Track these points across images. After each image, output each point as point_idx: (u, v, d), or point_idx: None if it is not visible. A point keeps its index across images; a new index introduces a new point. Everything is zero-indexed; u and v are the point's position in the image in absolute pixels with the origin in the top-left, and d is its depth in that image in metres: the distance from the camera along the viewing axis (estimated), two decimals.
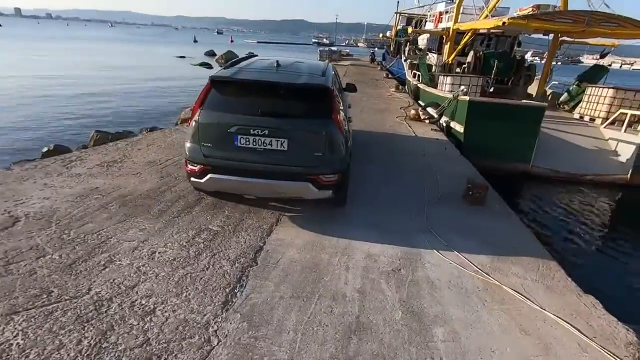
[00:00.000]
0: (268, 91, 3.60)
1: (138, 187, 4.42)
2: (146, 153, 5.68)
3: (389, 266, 3.27)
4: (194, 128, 3.61)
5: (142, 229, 3.51)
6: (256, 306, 2.59)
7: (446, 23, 14.13)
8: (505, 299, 2.93)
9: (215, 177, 3.58)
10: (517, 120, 8.00)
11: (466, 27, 11.91)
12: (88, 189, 4.25)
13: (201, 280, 2.82)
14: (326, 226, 3.89)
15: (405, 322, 2.55)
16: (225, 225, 3.73)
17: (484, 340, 2.44)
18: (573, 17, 8.62)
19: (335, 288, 2.88)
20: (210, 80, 3.66)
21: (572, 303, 2.97)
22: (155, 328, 2.31)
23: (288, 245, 3.47)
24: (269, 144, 3.47)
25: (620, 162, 8.29)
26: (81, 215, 3.66)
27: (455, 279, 3.17)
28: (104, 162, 5.17)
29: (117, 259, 3.00)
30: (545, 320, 2.70)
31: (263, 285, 2.84)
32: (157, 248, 3.21)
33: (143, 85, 17.67)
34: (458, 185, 5.46)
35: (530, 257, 3.64)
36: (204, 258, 3.14)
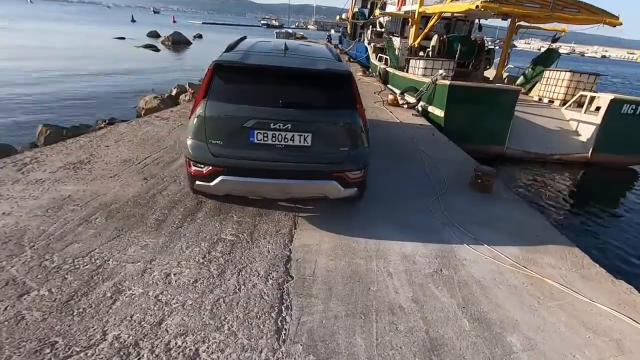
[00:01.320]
0: (287, 79, 3.14)
1: (121, 193, 3.75)
2: (117, 150, 4.91)
3: (429, 267, 3.06)
4: (198, 123, 3.06)
5: (143, 245, 2.95)
6: (314, 332, 2.24)
7: (411, 6, 14.07)
8: (554, 294, 2.86)
9: (227, 180, 3.09)
10: (494, 104, 8.18)
11: (433, 10, 11.92)
12: (59, 199, 3.52)
13: (239, 306, 2.39)
14: (347, 226, 3.58)
15: (477, 333, 2.35)
16: (239, 234, 3.27)
17: (559, 345, 2.32)
18: (540, 2, 8.90)
19: (388, 299, 2.61)
20: (214, 66, 3.10)
21: (612, 291, 2.99)
22: None
23: (316, 252, 3.12)
24: (290, 139, 3.04)
25: (581, 142, 8.86)
26: (60, 233, 2.99)
27: (498, 275, 3.04)
28: (68, 163, 4.36)
29: (125, 287, 2.46)
30: (601, 314, 2.67)
31: (310, 304, 2.49)
32: (171, 268, 2.70)
33: (84, 70, 15.68)
34: (459, 172, 5.41)
35: (554, 245, 3.64)
36: (230, 276, 2.69)
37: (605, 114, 8.35)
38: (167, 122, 6.38)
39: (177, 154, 4.97)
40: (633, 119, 8.41)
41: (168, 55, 24.92)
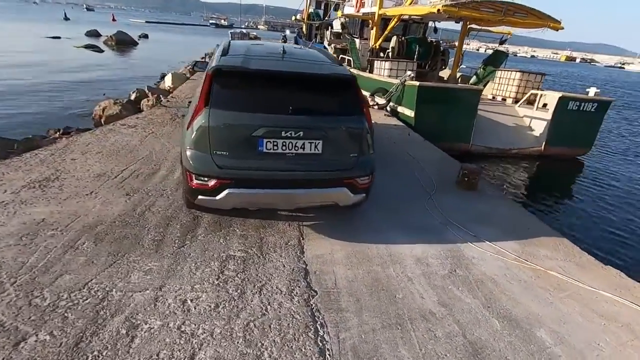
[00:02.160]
0: (294, 84, 3.01)
1: (104, 213, 3.38)
2: (87, 164, 4.43)
3: (443, 269, 3.10)
4: (200, 133, 2.83)
5: (146, 270, 2.66)
6: (357, 349, 2.15)
7: (370, 8, 14.35)
8: (561, 285, 3.03)
9: (235, 193, 2.90)
10: (459, 103, 8.58)
11: (393, 12, 12.25)
12: (31, 223, 3.08)
13: (272, 329, 2.23)
14: (354, 232, 3.53)
15: (509, 332, 2.41)
16: (248, 249, 3.08)
17: (583, 335, 2.46)
18: (494, 7, 9.49)
19: (417, 306, 2.60)
20: (214, 72, 2.89)
21: (605, 277, 3.23)
22: None
23: (331, 262, 3.03)
24: (301, 147, 2.92)
25: (535, 137, 9.59)
26: (44, 264, 2.61)
27: (507, 271, 3.16)
28: (32, 181, 3.85)
29: (140, 321, 2.20)
30: (606, 301, 2.86)
31: (343, 318, 2.40)
32: (185, 294, 2.46)
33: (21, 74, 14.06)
34: (441, 170, 5.59)
35: (545, 237, 3.87)
36: (252, 296, 2.52)
37: (554, 111, 9.11)
38: (135, 130, 5.89)
39: (156, 165, 4.60)
40: (577, 114, 9.25)
41: (114, 56, 23.20)
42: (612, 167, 10.08)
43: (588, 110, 9.31)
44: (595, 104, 9.30)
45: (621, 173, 9.63)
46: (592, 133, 9.68)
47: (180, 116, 6.89)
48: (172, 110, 7.30)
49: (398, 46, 13.74)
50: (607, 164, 10.24)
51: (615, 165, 10.23)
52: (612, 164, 10.31)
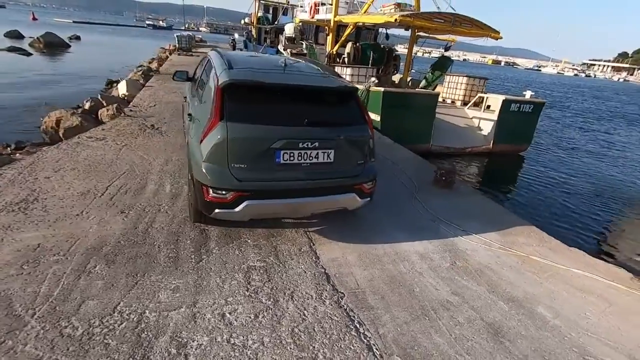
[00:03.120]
0: (306, 96, 3.14)
1: (105, 233, 3.23)
2: (64, 182, 4.13)
3: (444, 262, 3.42)
4: (217, 146, 2.85)
5: (173, 288, 2.63)
6: (398, 341, 2.35)
7: (325, 15, 14.72)
8: (542, 267, 3.50)
9: (253, 204, 2.96)
10: (420, 107, 9.21)
11: (350, 20, 12.71)
12: (27, 250, 2.87)
13: (316, 332, 2.35)
14: (358, 234, 3.73)
15: (516, 311, 2.77)
16: (265, 258, 3.15)
17: (572, 308, 2.89)
18: (444, 18, 10.31)
19: (434, 297, 2.86)
20: (227, 86, 2.93)
21: (573, 257, 3.78)
22: None
23: (347, 264, 3.21)
24: (315, 156, 3.06)
25: (484, 136, 10.56)
26: (60, 292, 2.47)
27: (497, 259, 3.57)
28: (8, 203, 3.53)
29: (187, 339, 2.19)
30: (579, 277, 3.37)
31: (376, 315, 2.59)
32: (221, 308, 2.49)
33: None
34: (416, 170, 6.02)
35: (518, 226, 4.39)
36: (286, 303, 2.61)
37: (499, 112, 10.12)
38: (105, 143, 5.56)
39: (141, 179, 4.42)
40: (518, 115, 10.37)
41: (44, 61, 21.13)
42: (548, 159, 11.44)
43: (526, 111, 10.48)
44: (531, 105, 10.49)
45: (555, 164, 10.97)
46: (530, 131, 10.91)
47: (149, 126, 6.62)
48: (139, 120, 6.96)
49: (354, 52, 14.28)
50: (543, 158, 11.59)
51: (549, 158, 11.62)
52: (547, 157, 11.69)
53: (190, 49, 24.37)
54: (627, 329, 2.70)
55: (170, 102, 8.70)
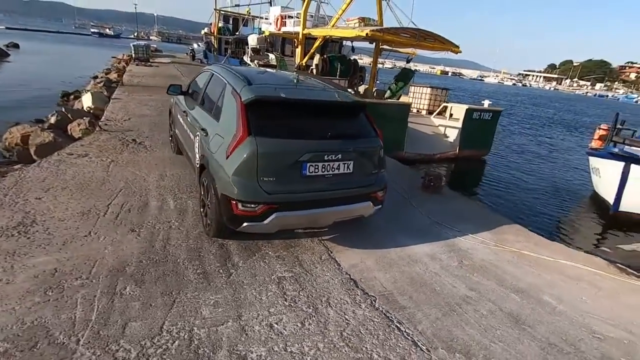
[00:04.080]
0: (326, 111, 3.31)
1: (122, 253, 3.13)
2: (58, 202, 3.91)
3: (453, 261, 3.71)
4: (247, 161, 2.92)
5: (213, 303, 2.64)
6: (437, 335, 2.55)
7: (292, 27, 14.98)
8: (536, 260, 3.90)
9: (282, 216, 3.05)
10: (394, 117, 9.69)
11: (319, 33, 13.07)
12: (45, 276, 2.73)
13: (363, 333, 2.49)
14: (368, 240, 3.92)
15: (527, 301, 3.09)
16: (291, 269, 3.23)
17: (571, 294, 3.27)
18: (410, 33, 10.97)
19: (455, 293, 3.11)
20: (252, 102, 3.02)
21: (556, 249, 4.24)
22: None
23: (368, 269, 3.38)
24: (337, 168, 3.23)
25: (450, 142, 11.30)
26: (99, 316, 2.39)
27: (495, 256, 3.92)
28: (5, 228, 3.30)
29: (244, 351, 2.23)
30: (568, 267, 3.81)
31: (410, 314, 2.77)
32: (268, 319, 2.54)
33: None
34: (402, 177, 6.36)
35: (504, 225, 4.83)
36: (325, 309, 2.72)
37: (463, 120, 10.91)
38: (89, 159, 5.29)
39: (141, 196, 4.30)
40: (479, 122, 11.25)
41: None
42: (505, 163, 12.46)
43: (486, 119, 11.39)
44: (490, 113, 11.43)
45: (511, 166, 11.98)
46: (490, 137, 11.84)
47: (131, 141, 6.38)
48: (117, 135, 6.68)
49: (322, 64, 14.65)
50: (501, 161, 12.60)
51: (506, 161, 12.65)
52: (504, 161, 12.73)
53: (148, 59, 23.45)
54: (618, 308, 3.12)
55: (144, 115, 8.42)
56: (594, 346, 2.60)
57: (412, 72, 15.93)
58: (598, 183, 8.85)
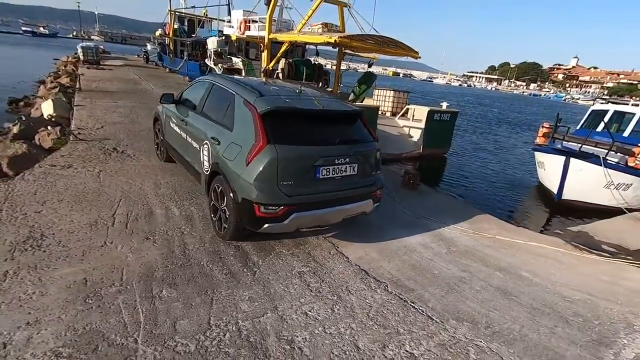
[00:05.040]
0: (333, 119, 3.65)
1: (145, 260, 3.26)
2: (60, 215, 3.88)
3: (441, 248, 4.22)
4: (268, 166, 3.19)
5: (249, 298, 2.88)
6: (446, 309, 3.00)
7: (257, 32, 15.08)
8: (509, 244, 4.54)
9: (299, 216, 3.36)
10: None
11: (286, 38, 13.32)
12: (78, 285, 2.81)
13: (386, 312, 2.87)
14: (366, 234, 4.32)
15: (509, 277, 3.66)
16: (307, 264, 3.54)
17: (541, 269, 3.90)
18: (375, 39, 11.60)
19: (451, 275, 3.61)
20: (268, 113, 3.30)
21: (524, 233, 4.94)
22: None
23: (374, 260, 3.77)
24: (344, 170, 3.59)
25: (415, 142, 12.12)
26: (146, 317, 2.55)
27: (476, 242, 4.51)
28: (15, 243, 3.27)
29: (291, 335, 2.52)
30: (535, 248, 4.47)
31: (420, 295, 3.20)
32: (301, 307, 2.84)
33: None
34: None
35: (477, 215, 5.48)
36: (347, 296, 3.07)
37: (426, 121, 11.76)
38: (76, 170, 5.18)
39: (143, 204, 4.36)
40: (439, 123, 12.18)
41: None
42: (463, 159, 13.56)
43: (445, 119, 12.36)
44: (449, 114, 12.41)
45: (469, 162, 13.09)
46: (449, 136, 12.85)
47: (112, 150, 6.28)
48: (95, 144, 6.52)
49: (287, 68, 14.93)
50: (459, 158, 13.69)
51: (464, 158, 13.77)
52: (462, 157, 13.84)
53: (98, 61, 22.25)
54: (578, 277, 3.79)
55: (116, 123, 8.20)
56: (567, 307, 3.20)
57: (374, 76, 16.71)
58: (543, 175, 9.99)
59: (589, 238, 5.60)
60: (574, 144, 9.23)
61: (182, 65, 22.45)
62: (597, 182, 8.24)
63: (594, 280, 3.76)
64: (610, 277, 3.88)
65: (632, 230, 6.28)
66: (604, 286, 3.65)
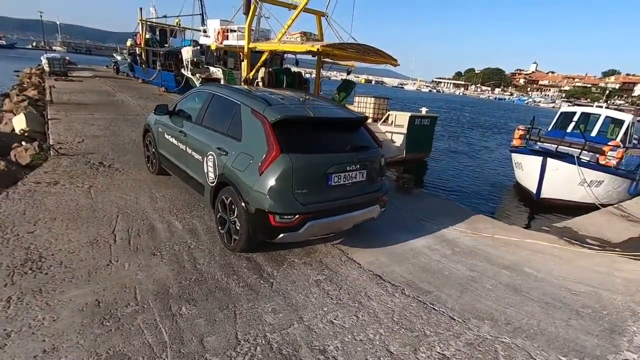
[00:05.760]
0: (342, 127, 3.69)
1: (157, 277, 3.14)
2: (55, 234, 3.68)
3: (447, 250, 4.32)
4: (282, 175, 3.17)
5: (271, 310, 2.83)
6: (464, 309, 3.07)
7: (236, 41, 15.00)
8: (507, 242, 4.71)
9: (314, 224, 3.35)
10: None
11: (266, 47, 13.33)
12: (90, 307, 2.67)
13: (409, 315, 2.90)
14: (373, 239, 4.37)
15: (516, 274, 3.79)
16: (322, 272, 3.52)
17: (543, 265, 4.07)
18: (356, 48, 11.82)
19: (461, 275, 3.69)
20: (279, 122, 3.30)
21: (518, 231, 5.14)
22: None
23: (384, 265, 3.80)
24: (354, 177, 3.62)
25: (398, 147, 12.38)
26: (172, 336, 2.46)
27: (476, 242, 4.65)
28: (13, 266, 3.07)
29: (322, 345, 2.50)
30: (531, 244, 4.66)
31: (436, 296, 3.26)
32: (325, 317, 2.82)
33: None
34: None
35: (472, 216, 5.66)
36: (368, 302, 3.08)
37: (407, 126, 12.06)
38: (63, 187, 4.93)
39: (142, 219, 4.21)
40: (420, 128, 12.52)
41: None
42: (443, 162, 13.98)
43: (426, 125, 12.72)
44: (429, 119, 12.79)
45: (449, 165, 13.51)
46: (430, 141, 13.22)
47: (99, 164, 6.03)
48: (79, 158, 6.23)
49: (268, 77, 14.93)
50: (439, 161, 14.11)
51: (444, 161, 14.20)
52: (442, 161, 14.26)
53: (66, 72, 21.35)
54: (577, 271, 3.99)
55: (97, 136, 7.88)
56: (575, 300, 3.36)
57: (353, 84, 16.96)
58: (521, 175, 10.43)
59: (573, 233, 5.90)
60: (548, 145, 9.75)
61: (156, 75, 21.90)
62: (572, 180, 8.71)
63: (591, 273, 3.96)
64: (605, 268, 4.10)
65: (608, 224, 6.67)
66: (602, 278, 3.85)
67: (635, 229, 6.24)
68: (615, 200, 9.08)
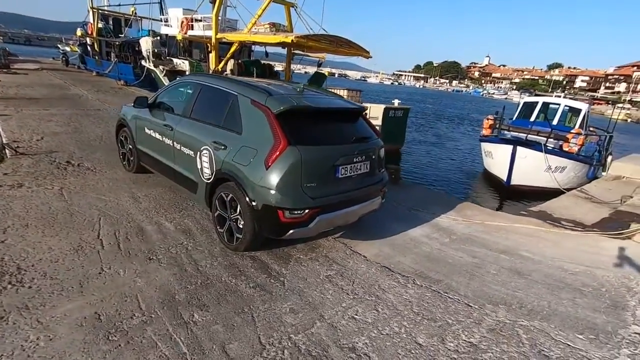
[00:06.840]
0: (345, 117, 3.59)
1: (159, 283, 2.90)
2: (32, 243, 3.28)
3: (444, 238, 4.39)
4: (291, 169, 3.03)
5: (290, 311, 2.71)
6: (477, 295, 3.11)
7: (202, 31, 14.33)
8: (497, 227, 4.86)
9: (323, 218, 3.25)
10: None
11: (235, 38, 12.86)
12: (89, 321, 2.41)
13: (427, 305, 2.89)
14: (373, 232, 4.32)
15: (514, 257, 3.91)
16: (331, 267, 3.43)
17: (535, 248, 4.24)
18: (329, 40, 11.70)
19: (464, 262, 3.75)
20: (284, 112, 3.14)
21: (504, 217, 5.34)
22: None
23: (389, 256, 3.78)
24: (359, 168, 3.55)
25: None
26: (190, 346, 2.27)
27: (470, 229, 4.76)
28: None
29: (352, 342, 2.41)
30: (522, 229, 4.85)
31: (446, 284, 3.28)
32: (346, 313, 2.74)
33: None
34: None
35: (460, 203, 5.80)
36: (384, 294, 3.03)
37: (382, 118, 12.17)
38: (30, 189, 4.43)
39: (127, 221, 3.88)
40: (394, 119, 12.70)
41: None
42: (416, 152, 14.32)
43: (399, 116, 12.91)
44: (402, 111, 12.99)
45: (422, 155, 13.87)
46: (403, 132, 13.46)
47: (66, 163, 5.51)
48: (42, 157, 5.66)
49: (237, 68, 14.46)
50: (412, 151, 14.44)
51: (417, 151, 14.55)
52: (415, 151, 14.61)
53: (8, 64, 19.41)
54: (568, 252, 4.19)
55: (58, 133, 7.21)
56: (574, 279, 3.52)
57: (324, 76, 16.89)
58: (490, 163, 10.89)
59: (549, 216, 6.23)
60: (515, 134, 10.24)
61: (112, 68, 20.48)
62: (539, 166, 9.22)
63: (581, 253, 4.19)
64: (591, 248, 4.35)
65: (576, 207, 7.12)
66: (591, 257, 4.08)
67: (601, 209, 6.71)
68: (576, 184, 9.73)
